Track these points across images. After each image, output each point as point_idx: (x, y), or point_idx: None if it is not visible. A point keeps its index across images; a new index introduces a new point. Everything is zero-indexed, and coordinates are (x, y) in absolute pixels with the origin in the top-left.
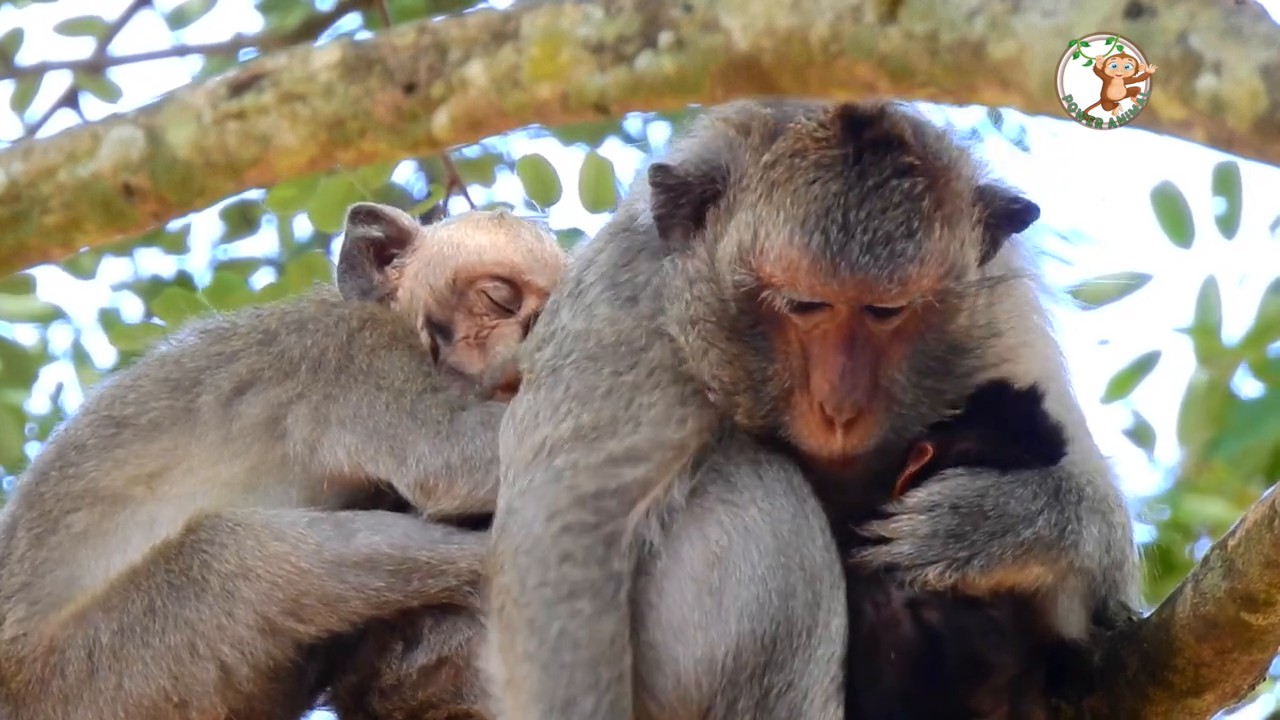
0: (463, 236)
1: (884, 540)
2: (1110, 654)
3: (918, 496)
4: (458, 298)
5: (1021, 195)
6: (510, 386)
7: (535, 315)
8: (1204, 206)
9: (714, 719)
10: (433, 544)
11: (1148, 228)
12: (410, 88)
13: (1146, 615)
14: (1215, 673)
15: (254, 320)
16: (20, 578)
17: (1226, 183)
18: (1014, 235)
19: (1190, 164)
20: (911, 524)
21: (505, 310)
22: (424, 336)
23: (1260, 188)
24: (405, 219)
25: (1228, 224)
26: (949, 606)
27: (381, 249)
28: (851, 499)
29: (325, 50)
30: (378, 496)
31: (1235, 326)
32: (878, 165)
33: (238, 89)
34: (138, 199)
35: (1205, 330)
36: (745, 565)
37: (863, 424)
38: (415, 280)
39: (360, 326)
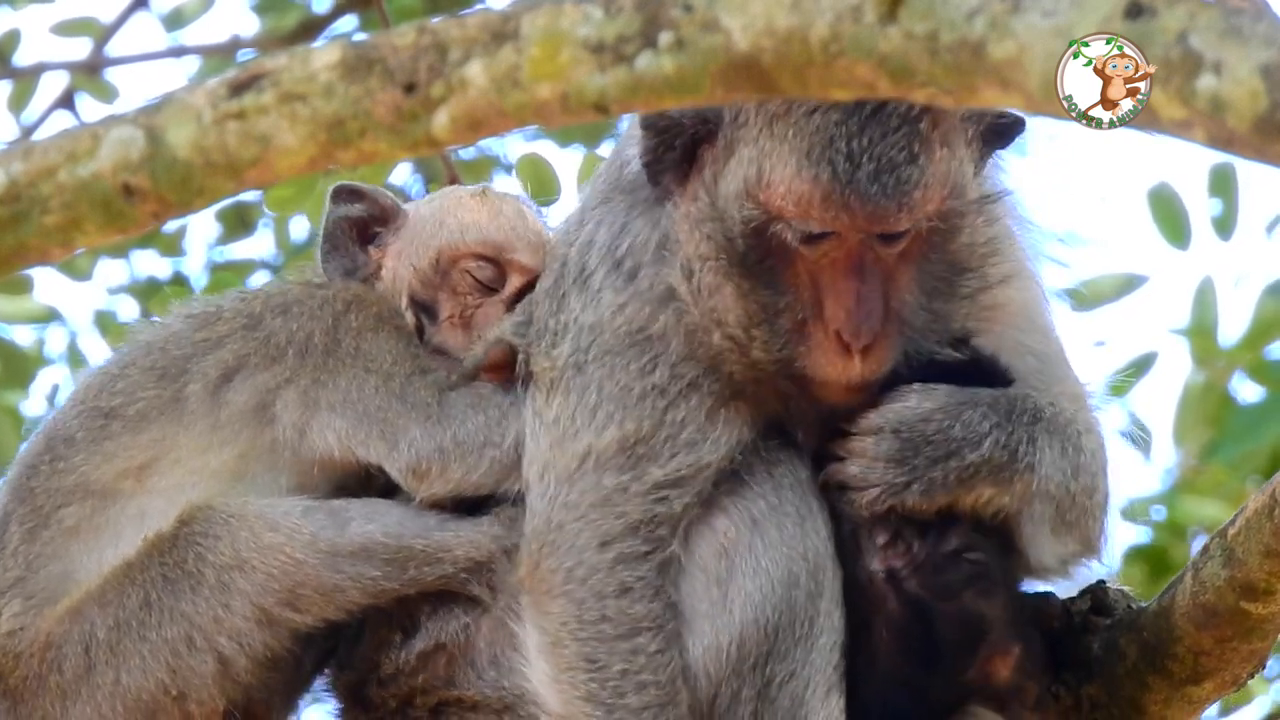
0: (444, 214)
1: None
2: (1109, 642)
3: (868, 418)
4: (441, 277)
5: (1007, 110)
6: (494, 367)
7: (520, 293)
8: (1201, 208)
9: (720, 707)
10: (427, 531)
11: (1144, 229)
12: (410, 88)
13: (1146, 604)
14: (1214, 661)
15: (239, 304)
16: (14, 572)
17: (1223, 184)
18: (991, 166)
19: (1187, 165)
20: (861, 445)
21: (489, 289)
22: (409, 316)
23: (1257, 189)
24: (387, 197)
25: (1224, 225)
26: (927, 569)
27: (364, 227)
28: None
29: (325, 50)
30: (367, 479)
31: (1232, 328)
32: None
33: (237, 89)
34: (138, 199)
35: (1202, 332)
36: (751, 556)
37: (878, 349)
38: (398, 260)
39: (345, 309)
